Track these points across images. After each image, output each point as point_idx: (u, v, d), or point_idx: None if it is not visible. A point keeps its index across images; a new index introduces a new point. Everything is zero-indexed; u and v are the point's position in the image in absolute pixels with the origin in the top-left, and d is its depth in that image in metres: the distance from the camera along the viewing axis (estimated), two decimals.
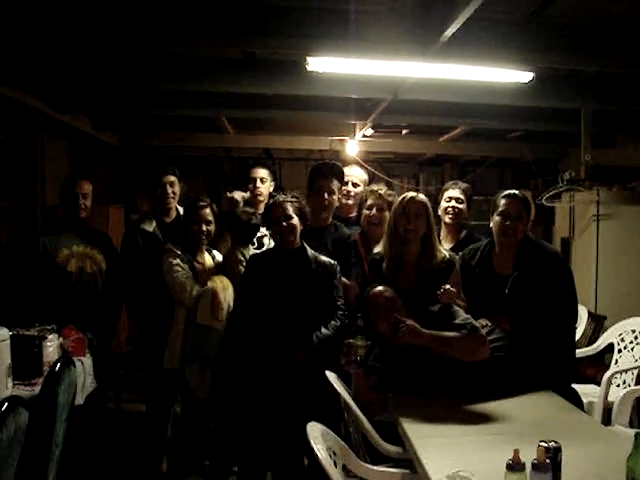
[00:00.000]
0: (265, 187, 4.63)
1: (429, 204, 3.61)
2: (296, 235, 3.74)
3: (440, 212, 4.42)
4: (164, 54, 4.75)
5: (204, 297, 3.94)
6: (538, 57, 4.02)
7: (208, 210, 4.10)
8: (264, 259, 3.86)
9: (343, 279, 3.88)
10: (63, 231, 4.31)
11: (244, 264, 4.02)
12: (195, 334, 3.94)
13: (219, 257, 4.24)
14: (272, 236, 3.82)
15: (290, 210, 3.73)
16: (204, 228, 4.07)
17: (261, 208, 4.41)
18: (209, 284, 3.99)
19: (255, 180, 4.61)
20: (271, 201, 3.88)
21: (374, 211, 4.17)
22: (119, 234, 5.07)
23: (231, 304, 4.01)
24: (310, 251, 3.80)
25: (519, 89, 4.76)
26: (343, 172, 4.39)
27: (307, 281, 3.71)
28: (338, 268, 3.82)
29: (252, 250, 4.17)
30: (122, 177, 8.83)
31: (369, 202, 4.22)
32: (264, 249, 4.16)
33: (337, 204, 4.33)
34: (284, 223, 3.70)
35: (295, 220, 3.73)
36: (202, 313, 3.94)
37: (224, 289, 4.00)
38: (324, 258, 3.83)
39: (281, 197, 3.81)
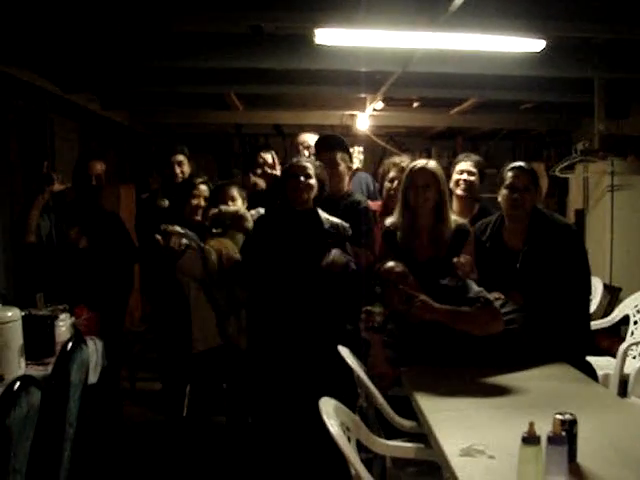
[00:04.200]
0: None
1: (439, 172, 3.56)
2: (309, 194, 3.73)
3: (452, 185, 4.36)
4: (171, 31, 4.71)
5: (209, 258, 3.93)
6: (550, 25, 3.95)
7: (205, 187, 4.11)
8: (274, 219, 3.84)
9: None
10: (75, 210, 4.31)
11: None
12: (224, 293, 3.94)
13: None
14: (287, 194, 3.79)
15: (310, 170, 3.72)
16: (202, 203, 4.09)
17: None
18: (206, 246, 3.99)
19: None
20: (294, 160, 3.88)
21: (396, 184, 4.16)
22: (130, 213, 5.08)
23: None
24: (323, 213, 3.79)
25: (531, 58, 4.68)
26: (346, 144, 4.39)
27: (319, 241, 3.70)
28: (350, 231, 3.81)
29: None
30: (132, 156, 8.81)
31: (391, 175, 4.24)
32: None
33: (347, 173, 4.36)
34: (302, 178, 3.69)
35: (313, 180, 3.72)
36: (214, 272, 3.93)
37: (223, 245, 4.01)
38: (336, 220, 3.82)
39: (304, 159, 3.81)
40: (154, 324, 4.75)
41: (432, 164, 3.57)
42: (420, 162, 3.59)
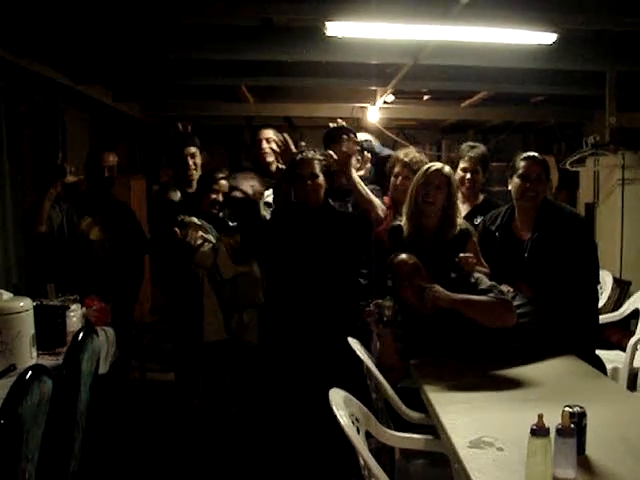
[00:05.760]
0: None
1: (453, 177, 3.58)
2: (320, 193, 3.73)
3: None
4: (182, 23, 4.71)
5: (219, 253, 3.96)
6: (561, 17, 3.93)
7: (225, 182, 4.12)
8: (288, 214, 3.85)
9: None
10: (87, 201, 4.33)
11: None
12: (228, 290, 3.97)
13: None
14: (295, 192, 3.79)
15: (317, 168, 3.72)
16: (220, 199, 4.10)
17: None
18: (217, 242, 4.04)
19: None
20: (298, 157, 3.86)
21: (400, 180, 4.15)
22: (141, 205, 5.08)
23: None
24: (335, 206, 3.80)
25: (542, 51, 4.66)
26: (355, 133, 4.37)
27: (332, 236, 3.71)
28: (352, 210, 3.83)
29: None
30: (143, 148, 8.83)
31: (395, 170, 4.21)
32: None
33: (356, 165, 4.29)
34: (309, 182, 3.69)
35: (321, 179, 3.72)
36: (225, 267, 3.96)
37: (235, 241, 4.03)
38: (349, 213, 3.83)
39: (310, 154, 3.79)
40: (167, 315, 4.76)
41: (447, 169, 3.55)
42: (436, 165, 3.58)
